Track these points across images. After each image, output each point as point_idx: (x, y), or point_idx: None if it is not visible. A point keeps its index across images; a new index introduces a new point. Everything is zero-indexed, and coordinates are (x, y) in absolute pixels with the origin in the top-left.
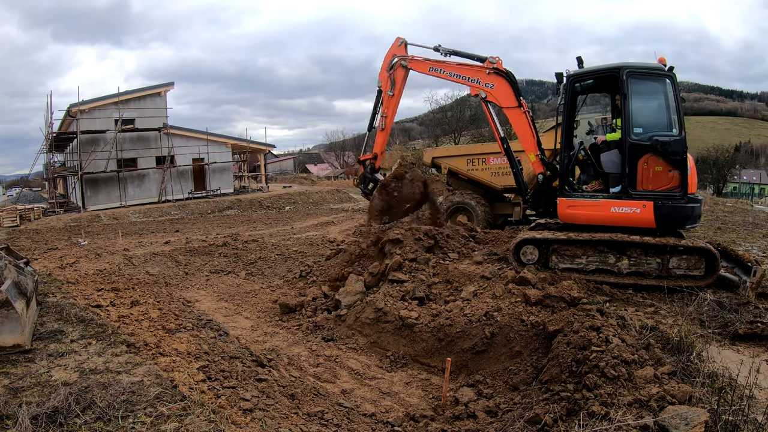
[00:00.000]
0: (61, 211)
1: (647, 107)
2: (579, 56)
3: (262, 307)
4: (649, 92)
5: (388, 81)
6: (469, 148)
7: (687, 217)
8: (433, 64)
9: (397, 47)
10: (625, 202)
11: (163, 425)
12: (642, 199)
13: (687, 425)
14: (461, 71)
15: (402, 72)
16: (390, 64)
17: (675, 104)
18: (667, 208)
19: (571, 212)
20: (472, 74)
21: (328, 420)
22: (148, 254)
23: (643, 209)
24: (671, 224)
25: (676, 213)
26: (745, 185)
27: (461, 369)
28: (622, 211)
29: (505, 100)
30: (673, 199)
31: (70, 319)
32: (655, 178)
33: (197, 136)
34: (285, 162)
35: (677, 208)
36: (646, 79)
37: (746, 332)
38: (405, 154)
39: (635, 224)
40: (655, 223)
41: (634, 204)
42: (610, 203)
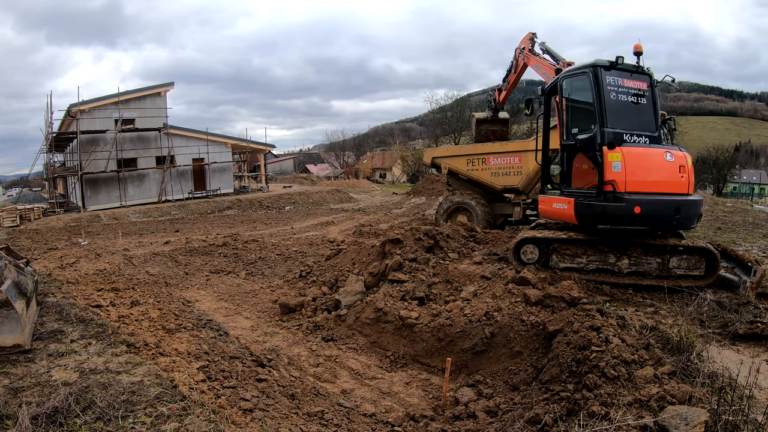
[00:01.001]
0: (61, 211)
1: (578, 107)
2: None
3: (262, 307)
4: (579, 92)
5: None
6: (469, 148)
7: (599, 215)
8: (536, 61)
9: (527, 40)
10: (560, 198)
11: (163, 425)
12: (569, 196)
13: (687, 425)
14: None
15: (522, 61)
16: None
17: (597, 99)
18: (583, 206)
19: (541, 207)
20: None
21: (328, 420)
22: (148, 254)
23: (568, 206)
24: (588, 221)
25: (590, 210)
26: (745, 185)
27: (461, 369)
28: (558, 207)
29: None
30: (590, 196)
31: (70, 319)
32: (582, 176)
33: (197, 136)
34: (285, 162)
35: (590, 205)
36: (574, 80)
37: (746, 332)
38: (405, 154)
39: (565, 220)
40: (575, 220)
41: (564, 201)
42: (554, 200)
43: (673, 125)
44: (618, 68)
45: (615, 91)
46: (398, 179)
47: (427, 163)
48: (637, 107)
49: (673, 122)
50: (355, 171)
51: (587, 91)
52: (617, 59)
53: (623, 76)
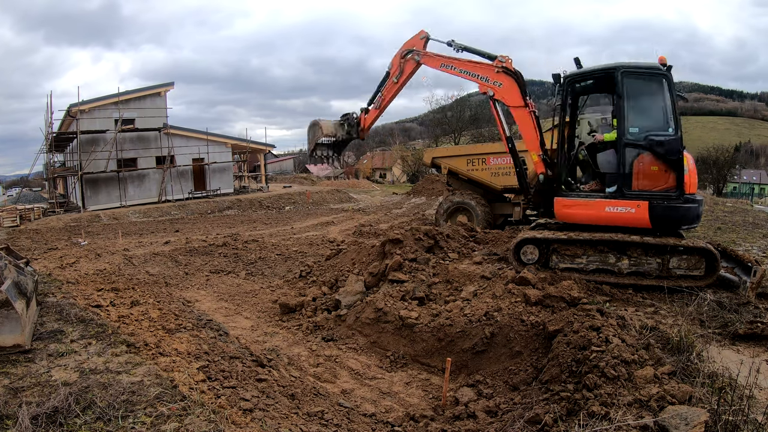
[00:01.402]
0: (61, 211)
1: (643, 107)
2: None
3: (262, 307)
4: (645, 92)
5: (397, 68)
6: (469, 148)
7: (683, 217)
8: (444, 60)
9: (417, 40)
10: (620, 201)
11: (163, 425)
12: (637, 198)
13: (687, 425)
14: (471, 68)
15: (412, 65)
16: (404, 52)
17: (671, 103)
18: (662, 208)
19: (567, 212)
20: (482, 72)
21: (328, 420)
22: (148, 254)
23: (638, 209)
24: (667, 224)
25: (672, 213)
26: (745, 185)
27: (461, 369)
28: (616, 211)
29: (512, 99)
30: (669, 199)
31: (70, 319)
32: (651, 178)
33: (197, 136)
34: (285, 162)
35: (673, 208)
36: (641, 78)
37: (746, 332)
38: (405, 154)
39: (630, 224)
40: (650, 223)
41: (629, 204)
42: (605, 203)
43: None
44: None
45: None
46: (398, 179)
47: (427, 163)
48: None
49: None
50: (355, 171)
51: (658, 93)
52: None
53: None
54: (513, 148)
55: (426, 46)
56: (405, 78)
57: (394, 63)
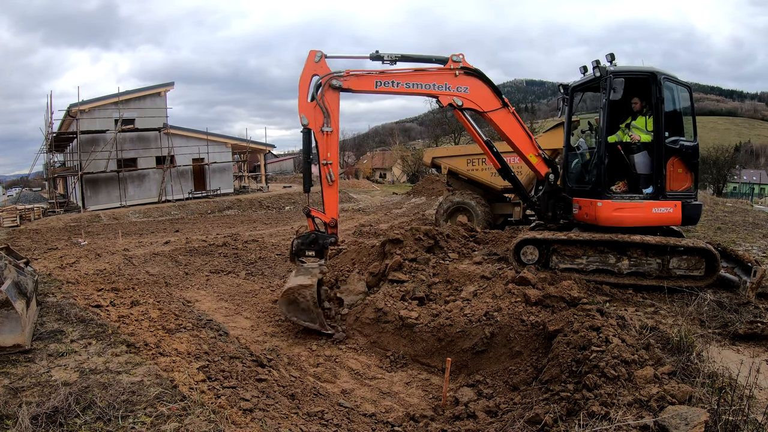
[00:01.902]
0: (61, 211)
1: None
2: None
3: (262, 307)
4: (675, 99)
5: (317, 113)
6: (469, 148)
7: (700, 214)
8: (379, 77)
9: (314, 64)
10: (662, 202)
11: (163, 425)
12: (673, 199)
13: (687, 425)
14: (421, 79)
15: (335, 96)
16: (312, 88)
17: (693, 113)
18: (690, 207)
19: (618, 215)
20: (438, 80)
21: (328, 420)
22: (148, 254)
23: (674, 209)
24: (691, 221)
25: (695, 211)
26: (745, 185)
27: (461, 369)
28: (661, 212)
29: (486, 103)
30: (691, 198)
31: (70, 319)
32: (678, 180)
33: (197, 136)
34: (285, 162)
35: (695, 206)
36: (675, 87)
37: (746, 332)
38: (405, 154)
39: (667, 223)
40: (681, 221)
41: (668, 204)
42: (652, 204)
43: None
44: None
45: None
46: (398, 179)
47: (427, 163)
48: None
49: None
50: (355, 171)
51: (684, 102)
52: None
53: None
54: (497, 152)
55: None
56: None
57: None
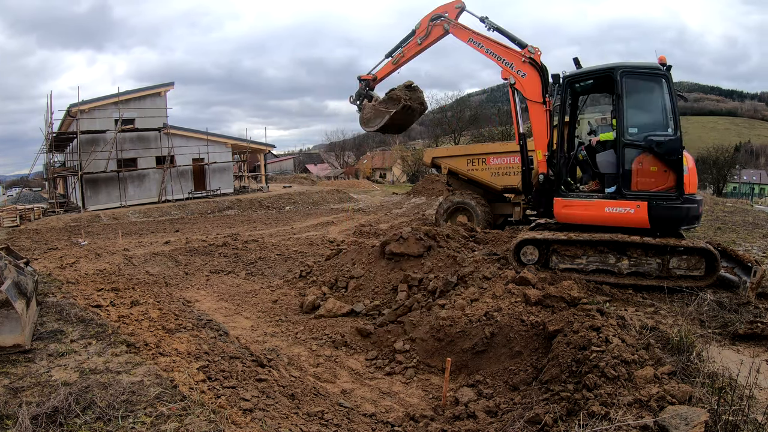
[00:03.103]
0: (61, 211)
1: (642, 107)
2: (576, 57)
3: (262, 307)
4: (644, 92)
5: (424, 29)
6: (469, 148)
7: (682, 217)
8: (474, 36)
9: (452, 7)
10: (619, 202)
11: (163, 425)
12: (636, 199)
13: (687, 425)
14: (499, 51)
15: (440, 32)
16: (435, 15)
17: (670, 104)
18: (662, 209)
19: (566, 212)
20: (509, 57)
21: (328, 420)
22: (148, 254)
23: (637, 209)
24: (666, 225)
25: (671, 213)
26: (745, 185)
27: (461, 369)
28: (615, 211)
29: (531, 93)
30: (668, 199)
31: (70, 319)
32: (650, 179)
33: (197, 136)
34: (285, 162)
35: (672, 208)
36: (640, 78)
37: (746, 332)
38: (405, 154)
39: (629, 224)
40: (649, 224)
41: (628, 204)
42: (604, 203)
43: None
44: None
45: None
46: (398, 179)
47: (427, 163)
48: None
49: None
50: (355, 171)
51: (657, 93)
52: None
53: None
54: (524, 144)
55: (459, 16)
56: (429, 42)
57: (422, 23)
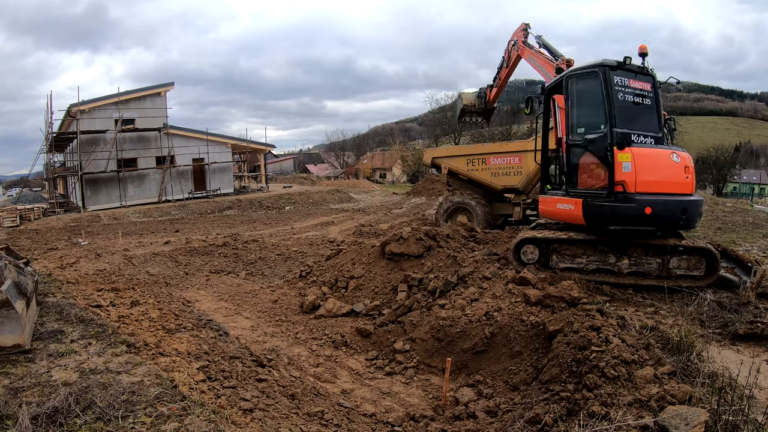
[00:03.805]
0: (61, 211)
1: (586, 107)
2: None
3: (262, 307)
4: (587, 92)
5: (506, 54)
6: (469, 148)
7: (609, 215)
8: (531, 54)
9: (519, 31)
10: (565, 199)
11: (163, 425)
12: (575, 196)
13: (687, 425)
14: (542, 64)
15: (515, 54)
16: (512, 41)
17: (606, 99)
18: (592, 207)
19: (540, 207)
20: (547, 68)
21: (328, 420)
22: (148, 254)
23: (575, 207)
24: (598, 222)
25: (600, 211)
26: (745, 185)
27: (461, 369)
28: (563, 208)
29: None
30: (600, 197)
31: (70, 319)
32: (589, 177)
33: (197, 136)
34: (285, 162)
35: (601, 206)
36: (582, 80)
37: (746, 332)
38: (405, 154)
39: (571, 220)
40: (584, 221)
41: (570, 201)
42: (557, 200)
43: (673, 125)
44: (625, 68)
45: (622, 91)
46: (398, 179)
47: (427, 163)
48: (642, 108)
49: (673, 122)
50: (355, 171)
51: (596, 91)
52: (625, 60)
53: (629, 77)
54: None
55: (527, 36)
56: (513, 64)
57: (506, 50)
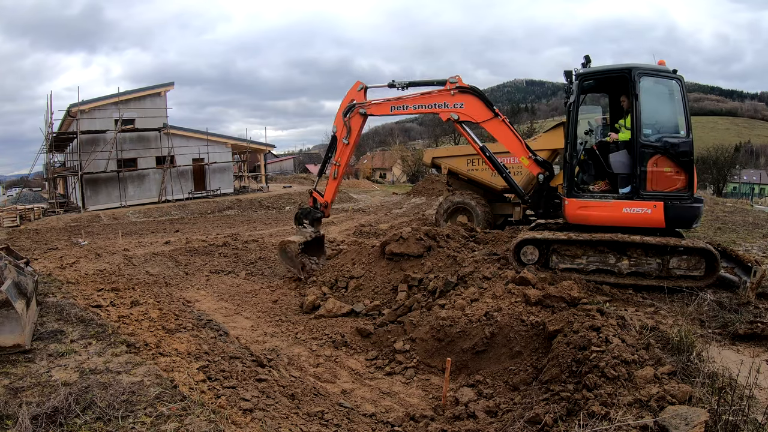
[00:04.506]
0: (61, 211)
1: (657, 109)
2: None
3: (262, 307)
4: (659, 94)
5: (344, 128)
6: (469, 148)
7: (694, 217)
8: (393, 102)
9: (356, 92)
10: (636, 202)
11: (163, 425)
12: (652, 199)
13: (687, 425)
14: (425, 101)
15: (359, 120)
16: (346, 109)
17: (683, 106)
18: (677, 209)
19: (582, 213)
20: (438, 100)
21: (328, 420)
22: (148, 254)
23: (654, 210)
24: (679, 224)
25: (685, 213)
26: (745, 185)
27: (461, 369)
28: (633, 212)
29: (479, 115)
30: (682, 199)
31: (70, 319)
32: (664, 179)
33: (197, 136)
34: (285, 162)
35: (686, 208)
36: (655, 80)
37: (746, 332)
38: (405, 154)
39: (645, 224)
40: (664, 224)
41: (645, 205)
42: (622, 204)
43: None
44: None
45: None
46: (398, 179)
47: (427, 163)
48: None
49: None
50: (355, 171)
51: (671, 96)
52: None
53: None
54: (491, 156)
55: (366, 95)
56: (356, 135)
57: (338, 124)
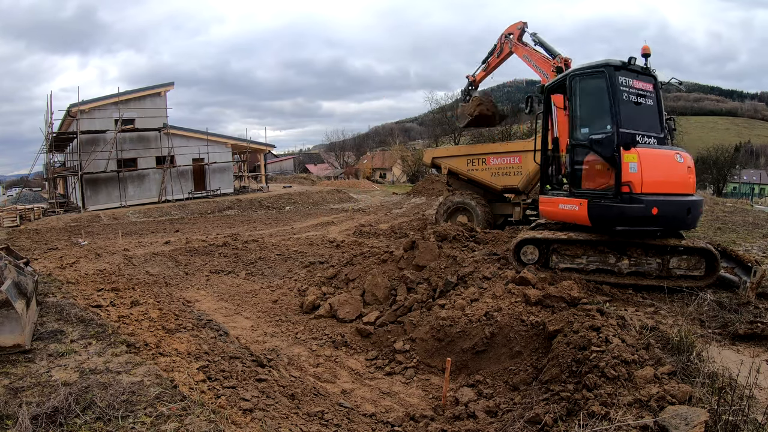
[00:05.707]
0: (61, 211)
1: (590, 107)
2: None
3: (262, 307)
4: (591, 92)
5: (499, 45)
6: (469, 148)
7: (617, 216)
8: (527, 52)
9: (515, 28)
10: (569, 199)
11: (163, 425)
12: (580, 197)
13: (687, 425)
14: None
15: (507, 49)
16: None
17: (611, 99)
18: (598, 207)
19: (542, 208)
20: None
21: (328, 420)
22: (148, 254)
23: (580, 207)
24: (604, 223)
25: (607, 212)
26: (745, 185)
27: (461, 369)
28: (566, 209)
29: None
30: (606, 197)
31: (70, 319)
32: (594, 177)
33: (197, 136)
34: (285, 162)
35: (607, 207)
36: (586, 79)
37: (746, 332)
38: (405, 154)
39: (575, 221)
40: (589, 221)
41: (574, 202)
42: (559, 200)
43: (673, 125)
44: (628, 69)
45: (626, 91)
46: (398, 179)
47: (427, 163)
48: (645, 108)
49: (673, 122)
50: (355, 171)
51: (600, 91)
52: (629, 60)
53: (632, 77)
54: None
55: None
56: (503, 56)
57: (499, 39)
